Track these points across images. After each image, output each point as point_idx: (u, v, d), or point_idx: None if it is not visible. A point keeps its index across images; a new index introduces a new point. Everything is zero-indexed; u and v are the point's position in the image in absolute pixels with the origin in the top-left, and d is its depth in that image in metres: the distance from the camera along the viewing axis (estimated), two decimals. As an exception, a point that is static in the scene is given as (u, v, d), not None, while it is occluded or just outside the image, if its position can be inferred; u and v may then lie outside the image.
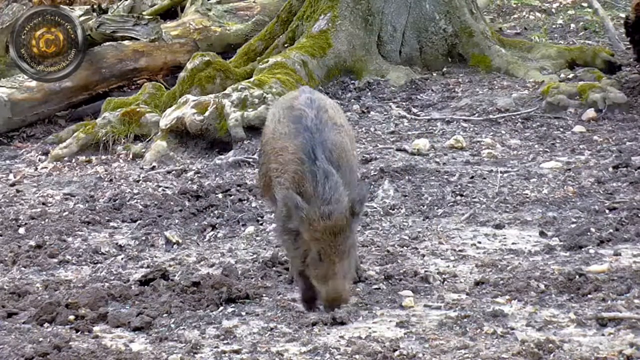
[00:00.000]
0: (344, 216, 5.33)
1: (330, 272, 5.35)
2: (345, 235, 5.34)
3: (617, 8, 13.58)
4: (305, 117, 5.58)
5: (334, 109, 5.89)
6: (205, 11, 12.22)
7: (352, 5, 10.69)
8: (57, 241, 7.18)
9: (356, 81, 10.47)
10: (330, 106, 5.86)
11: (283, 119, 5.71)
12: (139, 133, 9.88)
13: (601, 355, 4.78)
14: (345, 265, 5.37)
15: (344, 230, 5.34)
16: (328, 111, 5.72)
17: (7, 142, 10.59)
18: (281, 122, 5.71)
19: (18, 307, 5.78)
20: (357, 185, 5.66)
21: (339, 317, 5.37)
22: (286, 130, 5.62)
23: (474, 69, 10.78)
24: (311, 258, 5.39)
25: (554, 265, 6.15)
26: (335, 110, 5.87)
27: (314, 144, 5.45)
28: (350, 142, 5.79)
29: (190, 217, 7.62)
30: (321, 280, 5.39)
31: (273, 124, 5.83)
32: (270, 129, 5.86)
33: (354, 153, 5.82)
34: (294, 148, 5.49)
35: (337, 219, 5.31)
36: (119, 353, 5.04)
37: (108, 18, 10.97)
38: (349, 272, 5.45)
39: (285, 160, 5.52)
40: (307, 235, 5.36)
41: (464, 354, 4.88)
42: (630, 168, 8.02)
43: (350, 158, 5.64)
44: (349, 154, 5.65)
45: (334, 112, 5.83)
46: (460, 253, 6.54)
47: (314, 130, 5.51)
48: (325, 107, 5.74)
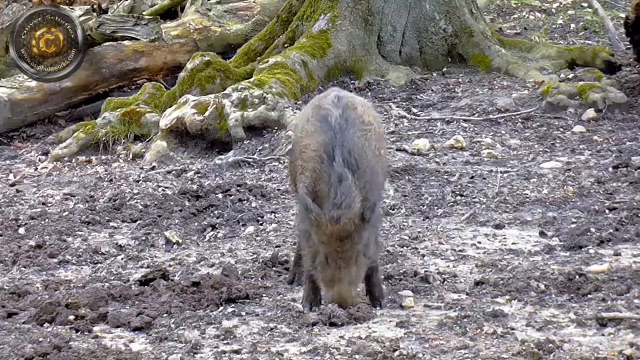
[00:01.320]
0: (352, 222, 5.29)
1: (337, 277, 5.35)
2: (353, 241, 5.31)
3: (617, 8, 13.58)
4: (330, 116, 5.55)
5: (364, 107, 5.81)
6: (205, 11, 12.22)
7: (352, 5, 10.69)
8: (57, 241, 7.18)
9: (356, 81, 10.47)
10: (360, 104, 5.80)
11: (311, 117, 5.71)
12: (139, 133, 9.89)
13: (601, 355, 4.78)
14: (353, 271, 5.35)
15: (352, 236, 5.31)
16: (357, 109, 5.66)
17: (7, 142, 10.60)
18: (309, 121, 5.70)
19: (18, 307, 5.78)
20: (377, 187, 5.54)
21: (337, 319, 5.35)
22: (312, 129, 5.61)
23: (474, 69, 10.78)
24: (319, 261, 5.39)
25: (554, 265, 6.15)
26: (364, 108, 5.79)
27: (334, 143, 5.41)
28: (378, 140, 5.70)
29: (190, 217, 7.62)
30: (327, 284, 5.39)
31: (302, 122, 5.85)
32: (299, 127, 5.89)
33: (380, 152, 5.71)
34: (316, 146, 5.48)
35: (345, 225, 5.29)
36: (119, 353, 5.04)
37: (108, 18, 10.96)
38: (357, 278, 5.41)
39: (308, 157, 5.51)
40: (315, 237, 5.36)
41: (464, 354, 4.88)
42: (630, 168, 8.02)
43: (372, 158, 5.54)
44: (372, 153, 5.56)
45: (363, 109, 5.75)
46: (460, 253, 6.54)
47: (337, 130, 5.47)
48: (354, 105, 5.68)
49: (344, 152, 5.39)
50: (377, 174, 5.56)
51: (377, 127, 5.79)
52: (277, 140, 9.22)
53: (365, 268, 5.46)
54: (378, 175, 5.59)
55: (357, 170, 5.38)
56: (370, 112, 5.85)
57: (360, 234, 5.33)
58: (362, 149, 5.48)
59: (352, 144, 5.44)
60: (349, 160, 5.38)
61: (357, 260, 5.36)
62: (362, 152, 5.47)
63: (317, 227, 5.34)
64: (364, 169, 5.41)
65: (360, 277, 5.46)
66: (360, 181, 5.37)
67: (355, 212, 5.30)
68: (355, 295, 5.47)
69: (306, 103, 9.86)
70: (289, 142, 9.08)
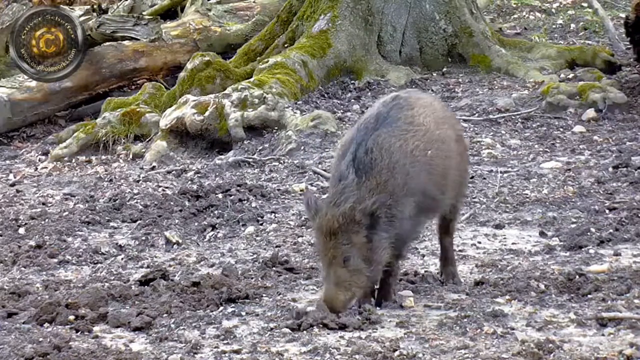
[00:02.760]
0: (336, 220, 5.23)
1: (324, 276, 5.36)
2: (338, 240, 5.26)
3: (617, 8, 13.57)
4: (365, 114, 5.51)
5: (426, 108, 5.59)
6: (205, 11, 12.22)
7: (352, 5, 10.69)
8: (57, 241, 7.18)
9: (356, 81, 10.47)
10: (422, 105, 5.60)
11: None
12: (139, 133, 9.89)
13: (601, 355, 4.78)
14: (340, 273, 5.28)
15: (337, 236, 5.25)
16: (413, 109, 5.51)
17: (7, 142, 10.60)
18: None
19: (18, 307, 5.78)
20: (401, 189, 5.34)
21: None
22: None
23: (474, 69, 10.78)
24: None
25: (554, 265, 6.16)
26: (425, 110, 5.57)
27: (353, 142, 5.36)
28: (428, 142, 5.46)
29: (190, 217, 7.62)
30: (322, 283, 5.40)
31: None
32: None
33: (426, 154, 5.45)
34: (341, 142, 5.47)
35: (329, 222, 5.25)
36: (119, 353, 5.04)
37: (108, 18, 10.97)
38: (347, 281, 5.30)
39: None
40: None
41: (464, 354, 4.88)
42: (630, 168, 8.02)
43: (406, 159, 5.34)
44: (408, 155, 5.36)
45: (422, 111, 5.55)
46: (460, 253, 6.53)
47: (362, 128, 5.40)
48: (411, 106, 5.53)
49: (360, 151, 5.31)
50: (407, 175, 5.36)
51: (435, 129, 5.54)
52: (277, 140, 9.22)
53: (366, 274, 5.32)
54: (409, 177, 5.38)
55: (370, 171, 5.29)
56: (430, 114, 5.58)
57: (348, 235, 5.26)
58: (390, 149, 5.34)
59: (375, 143, 5.33)
60: (362, 159, 5.30)
61: (345, 263, 5.28)
62: (388, 152, 5.34)
63: (312, 223, 5.36)
64: (380, 170, 5.30)
65: (354, 282, 5.32)
66: (370, 182, 5.28)
67: (342, 211, 5.23)
68: (345, 300, 5.33)
69: (306, 103, 9.91)
70: (289, 142, 9.09)
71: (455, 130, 5.79)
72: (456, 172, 5.71)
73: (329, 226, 5.25)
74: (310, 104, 9.86)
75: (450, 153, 5.62)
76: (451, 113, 6.03)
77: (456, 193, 5.80)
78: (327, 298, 5.34)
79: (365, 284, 5.40)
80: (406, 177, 5.37)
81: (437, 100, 6.15)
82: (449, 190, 5.68)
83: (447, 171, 5.61)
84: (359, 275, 5.34)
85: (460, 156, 5.75)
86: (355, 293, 5.37)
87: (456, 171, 5.71)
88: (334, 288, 5.31)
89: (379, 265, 5.39)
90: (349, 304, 5.38)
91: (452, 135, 5.69)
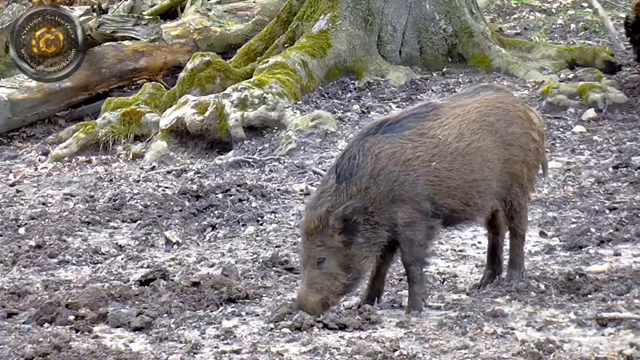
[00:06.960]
0: (312, 222, 5.29)
1: (300, 276, 5.43)
2: (313, 241, 5.30)
3: (617, 8, 13.57)
4: (382, 120, 5.51)
5: (454, 118, 5.48)
6: (205, 11, 12.22)
7: (352, 5, 10.69)
8: (57, 241, 7.18)
9: (356, 81, 10.47)
10: (453, 114, 5.49)
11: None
12: (139, 133, 9.89)
13: (601, 355, 4.78)
14: (313, 274, 5.31)
15: (312, 237, 5.30)
16: (436, 120, 5.43)
17: (7, 142, 10.60)
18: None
19: (18, 307, 5.78)
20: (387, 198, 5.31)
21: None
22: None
23: (474, 69, 10.78)
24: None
25: (554, 265, 6.15)
26: (450, 119, 5.46)
27: (350, 145, 5.40)
28: (435, 156, 5.38)
29: (190, 217, 7.62)
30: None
31: None
32: None
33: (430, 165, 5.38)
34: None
35: (306, 222, 5.33)
36: (119, 353, 5.04)
37: (108, 18, 10.97)
38: (318, 284, 5.32)
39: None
40: None
41: (464, 354, 4.88)
42: (630, 168, 8.02)
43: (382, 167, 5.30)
44: (386, 163, 5.31)
45: (445, 121, 5.45)
46: (460, 253, 6.54)
47: (356, 134, 5.48)
48: (436, 115, 5.45)
49: (345, 157, 5.36)
50: (394, 182, 5.33)
51: (454, 142, 5.43)
52: (277, 140, 9.22)
53: (342, 281, 5.32)
54: (397, 184, 5.33)
55: (350, 177, 5.31)
56: (457, 126, 5.46)
57: (323, 238, 5.30)
58: (378, 155, 5.32)
59: (361, 149, 5.33)
60: (344, 165, 5.33)
61: (319, 265, 5.31)
62: (374, 159, 5.32)
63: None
64: (361, 176, 5.30)
65: (327, 287, 5.34)
66: (350, 187, 5.30)
67: (318, 214, 5.28)
68: (314, 302, 5.33)
69: (306, 103, 9.92)
70: (289, 142, 9.09)
71: (502, 136, 5.57)
72: (493, 178, 5.54)
73: (307, 226, 5.34)
74: (310, 104, 9.86)
75: (477, 165, 5.49)
76: (505, 119, 5.62)
77: (504, 196, 5.65)
78: (298, 298, 5.41)
79: (341, 290, 5.39)
80: (393, 184, 5.34)
81: (489, 105, 5.67)
82: (481, 198, 5.54)
83: (471, 183, 5.47)
84: (332, 281, 5.35)
85: (504, 163, 5.56)
86: (328, 298, 5.36)
87: (493, 177, 5.54)
88: (305, 289, 5.36)
89: (359, 273, 5.39)
90: (322, 308, 5.35)
91: (489, 144, 5.52)
